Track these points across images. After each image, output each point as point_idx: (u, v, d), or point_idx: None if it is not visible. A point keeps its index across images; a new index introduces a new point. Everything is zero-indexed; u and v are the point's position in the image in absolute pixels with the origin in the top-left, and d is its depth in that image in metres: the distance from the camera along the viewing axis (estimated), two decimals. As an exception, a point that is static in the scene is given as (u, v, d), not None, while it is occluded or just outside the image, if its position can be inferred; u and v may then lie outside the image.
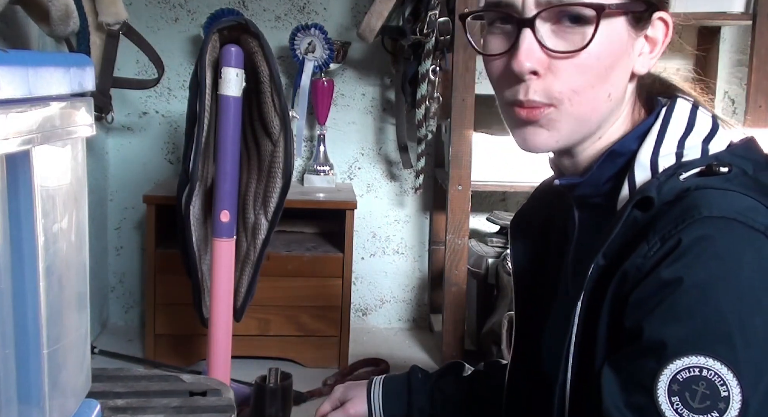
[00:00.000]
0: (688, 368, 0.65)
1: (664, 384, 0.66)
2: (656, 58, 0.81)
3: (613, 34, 0.77)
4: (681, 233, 0.69)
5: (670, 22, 0.80)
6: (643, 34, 0.80)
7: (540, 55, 0.76)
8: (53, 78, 0.64)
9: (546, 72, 0.77)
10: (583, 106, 0.78)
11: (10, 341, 0.61)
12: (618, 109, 0.82)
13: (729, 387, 0.64)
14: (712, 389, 0.64)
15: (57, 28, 1.49)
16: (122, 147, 2.53)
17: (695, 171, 0.75)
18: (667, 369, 0.66)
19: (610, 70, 0.77)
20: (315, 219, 2.45)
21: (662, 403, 0.65)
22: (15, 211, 0.61)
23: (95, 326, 2.42)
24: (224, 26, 1.58)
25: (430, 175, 2.55)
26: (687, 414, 0.65)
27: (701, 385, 0.65)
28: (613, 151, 0.81)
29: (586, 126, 0.80)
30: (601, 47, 0.76)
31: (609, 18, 0.76)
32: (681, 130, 0.80)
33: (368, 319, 2.66)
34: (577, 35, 0.76)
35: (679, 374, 0.65)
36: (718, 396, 0.64)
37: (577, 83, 0.77)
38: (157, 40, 2.27)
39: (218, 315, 1.67)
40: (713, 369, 0.65)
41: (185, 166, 1.62)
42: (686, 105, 0.82)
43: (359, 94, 2.56)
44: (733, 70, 2.56)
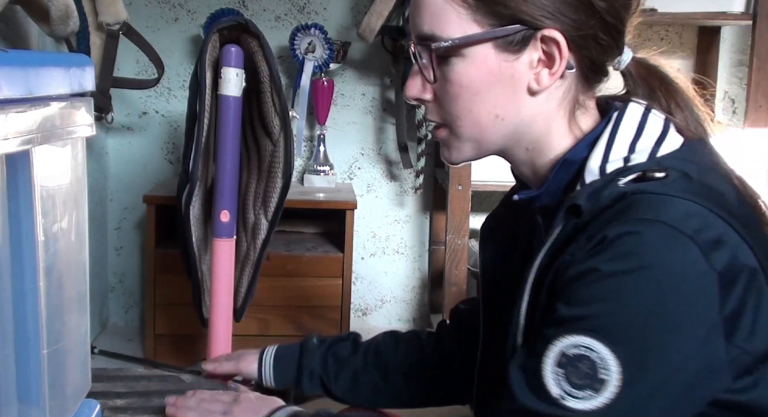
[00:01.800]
0: (578, 346, 0.69)
1: (553, 354, 0.70)
2: (558, 72, 0.80)
3: (474, 62, 0.80)
4: (607, 230, 0.72)
5: (559, 39, 0.79)
6: (528, 54, 0.80)
7: (419, 85, 0.85)
8: (53, 78, 0.64)
9: (434, 98, 0.85)
10: (468, 129, 0.84)
11: (10, 341, 0.61)
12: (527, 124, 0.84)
13: (610, 373, 0.68)
14: (593, 370, 0.68)
15: (57, 28, 1.49)
16: (122, 147, 2.53)
17: (633, 176, 0.77)
18: (558, 342, 0.70)
19: (480, 95, 0.81)
20: (315, 219, 2.45)
21: (547, 370, 0.70)
22: (15, 211, 0.61)
23: (95, 326, 2.42)
24: (224, 26, 1.58)
25: (430, 175, 2.55)
26: (564, 385, 0.69)
27: (585, 364, 0.69)
28: (566, 160, 0.83)
29: (484, 145, 0.85)
30: (463, 76, 0.81)
31: (466, 48, 0.80)
32: (630, 135, 0.81)
33: (368, 319, 2.66)
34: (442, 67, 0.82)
35: (569, 350, 0.70)
36: (596, 377, 0.68)
37: (454, 109, 0.83)
38: (157, 40, 2.27)
39: (218, 315, 1.67)
40: (600, 353, 0.68)
41: (185, 166, 1.62)
42: (638, 109, 0.83)
43: (359, 94, 2.56)
44: (733, 70, 2.56)
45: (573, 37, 0.79)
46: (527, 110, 0.83)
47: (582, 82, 0.84)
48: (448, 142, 0.87)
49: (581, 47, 0.81)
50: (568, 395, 0.69)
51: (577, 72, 0.83)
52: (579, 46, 0.81)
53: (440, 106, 0.85)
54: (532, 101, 0.83)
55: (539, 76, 0.81)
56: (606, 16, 0.81)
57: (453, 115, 0.84)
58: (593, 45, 0.82)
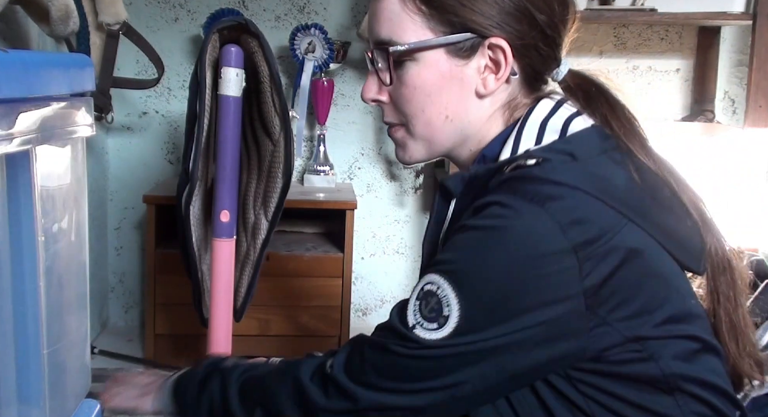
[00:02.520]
0: (430, 283, 0.80)
1: (418, 289, 0.82)
2: (503, 77, 0.88)
3: (426, 66, 0.88)
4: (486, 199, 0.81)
5: (504, 46, 0.87)
6: (476, 60, 0.88)
7: (375, 87, 0.93)
8: (53, 78, 0.64)
9: (390, 100, 0.93)
10: (421, 129, 0.92)
11: (10, 341, 0.61)
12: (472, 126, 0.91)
13: (451, 310, 0.78)
14: (438, 306, 0.79)
15: (57, 28, 1.49)
16: (122, 147, 2.53)
17: (513, 165, 0.85)
18: (422, 280, 0.82)
19: (432, 97, 0.89)
20: (315, 219, 2.45)
21: (411, 300, 0.82)
22: (15, 211, 0.61)
23: (95, 326, 2.42)
24: (224, 26, 1.58)
25: (430, 175, 2.55)
26: (419, 317, 0.81)
27: (433, 300, 0.80)
28: (484, 155, 0.92)
29: (435, 144, 0.93)
30: (415, 78, 0.89)
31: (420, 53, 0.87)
32: (535, 130, 0.88)
33: (368, 319, 2.66)
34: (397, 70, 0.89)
35: (426, 286, 0.81)
36: (441, 313, 0.79)
37: (408, 109, 0.91)
38: (157, 40, 2.27)
39: (218, 315, 1.67)
40: (445, 292, 0.79)
41: (185, 166, 1.62)
42: (547, 104, 0.90)
43: (359, 94, 2.56)
44: (733, 70, 2.56)
45: (517, 45, 0.88)
46: (474, 112, 0.91)
47: (525, 88, 0.92)
48: (402, 142, 0.95)
49: (524, 56, 0.89)
50: (419, 325, 0.80)
51: (520, 78, 0.91)
52: (522, 55, 0.89)
53: (395, 108, 0.93)
54: (479, 104, 0.91)
55: (486, 80, 0.89)
56: (546, 29, 0.89)
57: (407, 115, 0.91)
58: (534, 54, 0.90)
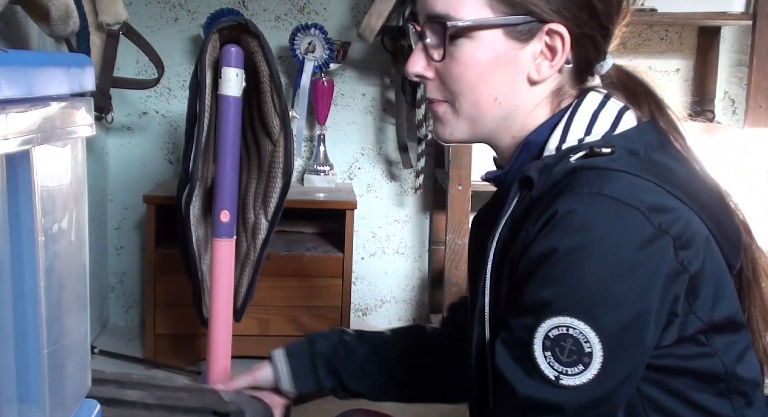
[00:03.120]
0: (557, 327, 0.74)
1: (539, 340, 0.75)
2: (558, 65, 0.86)
3: (483, 45, 0.85)
4: (556, 205, 0.77)
5: (564, 33, 0.84)
6: (533, 45, 0.85)
7: (422, 62, 0.89)
8: (53, 78, 0.64)
9: (436, 75, 0.89)
10: (468, 107, 0.88)
11: (10, 341, 0.61)
12: (519, 112, 0.89)
13: (592, 344, 0.73)
14: (578, 346, 0.73)
15: (57, 28, 1.49)
16: (122, 147, 2.53)
17: (582, 153, 0.82)
18: (540, 327, 0.75)
19: (484, 77, 0.86)
20: (315, 219, 2.45)
21: (538, 356, 0.75)
22: (15, 211, 0.61)
23: (95, 326, 2.42)
24: (224, 26, 1.58)
25: (430, 175, 2.55)
26: (557, 366, 0.74)
27: (569, 341, 0.74)
28: (529, 141, 0.89)
29: (478, 125, 0.89)
30: (469, 57, 0.85)
31: (476, 31, 0.84)
32: (587, 119, 0.86)
33: (368, 319, 2.66)
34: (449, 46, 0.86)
35: (550, 332, 0.74)
36: (582, 351, 0.73)
37: (457, 86, 0.87)
38: (157, 40, 2.27)
39: (218, 315, 1.67)
40: (578, 328, 0.73)
41: (185, 166, 1.62)
42: (596, 97, 0.88)
43: (359, 94, 2.56)
44: (733, 70, 2.56)
45: (575, 34, 0.85)
46: (523, 98, 0.88)
47: (573, 79, 0.90)
48: (445, 118, 0.91)
49: (580, 45, 0.86)
50: (562, 374, 0.74)
51: (572, 68, 0.88)
52: (578, 44, 0.86)
53: (442, 84, 0.89)
54: (529, 90, 0.88)
55: (540, 67, 0.86)
56: (603, 20, 0.87)
57: (455, 92, 0.88)
58: (590, 45, 0.87)
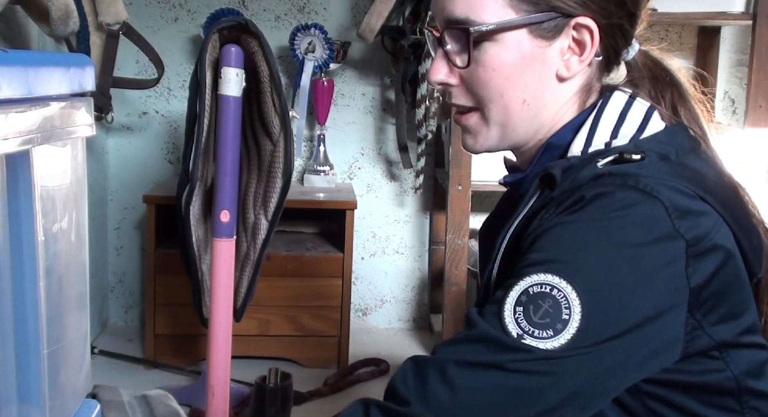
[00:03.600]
0: (540, 284, 0.69)
1: (515, 294, 0.70)
2: (587, 60, 0.83)
3: (508, 46, 0.81)
4: (582, 191, 0.74)
5: (592, 26, 0.81)
6: (560, 41, 0.82)
7: (445, 69, 0.85)
8: (53, 78, 0.64)
9: (460, 82, 0.85)
10: (498, 113, 0.84)
11: (10, 341, 0.61)
12: (548, 111, 0.85)
13: (572, 312, 0.68)
14: (556, 309, 0.68)
15: (57, 28, 1.49)
16: (122, 147, 2.53)
17: (610, 158, 0.79)
18: (522, 282, 0.70)
19: (512, 80, 0.82)
20: (315, 219, 2.45)
21: (506, 309, 0.70)
22: (15, 211, 0.61)
23: (95, 326, 2.42)
24: (224, 26, 1.58)
25: (430, 175, 2.55)
26: (524, 324, 0.69)
27: (547, 302, 0.68)
28: (550, 144, 0.85)
29: (509, 130, 0.85)
30: (495, 60, 0.81)
31: (499, 34, 0.80)
32: (613, 121, 0.83)
33: (368, 319, 2.66)
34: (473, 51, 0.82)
35: (531, 288, 0.69)
36: (559, 317, 0.68)
37: (484, 92, 0.83)
38: (157, 40, 2.27)
39: (218, 315, 1.67)
40: (564, 292, 0.68)
41: (185, 166, 1.62)
42: (622, 97, 0.85)
43: (359, 94, 2.56)
44: (733, 70, 2.56)
45: (603, 25, 0.82)
46: (551, 96, 0.85)
47: (601, 70, 0.87)
48: (475, 129, 0.87)
49: (609, 36, 0.83)
50: (527, 334, 0.68)
51: (601, 60, 0.85)
52: (607, 35, 0.83)
53: (468, 91, 0.85)
54: (557, 88, 0.84)
55: (569, 63, 0.83)
56: (631, 6, 0.83)
57: (483, 99, 0.84)
58: (618, 34, 0.84)
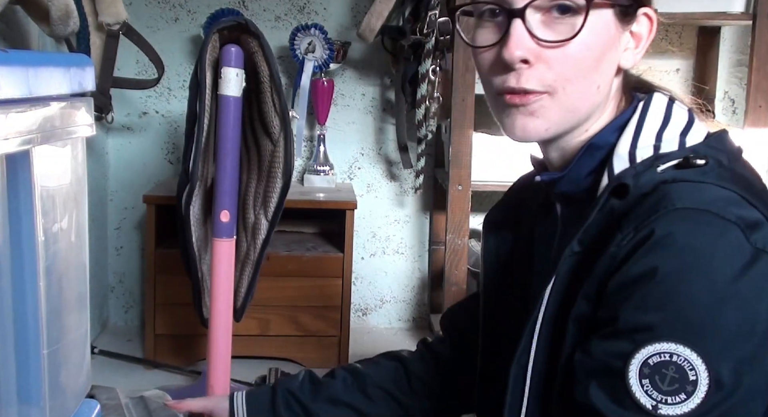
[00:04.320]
0: (659, 353, 0.69)
1: (635, 367, 0.69)
2: (641, 53, 0.82)
3: (601, 25, 0.78)
4: (654, 223, 0.71)
5: (654, 19, 0.81)
6: (629, 29, 0.81)
7: (530, 45, 0.78)
8: (53, 78, 0.64)
9: (537, 61, 0.78)
10: (574, 96, 0.80)
11: (10, 341, 0.61)
12: (605, 103, 0.84)
13: (698, 372, 0.67)
14: (681, 373, 0.68)
15: (57, 28, 1.49)
16: (122, 147, 2.53)
17: (672, 163, 0.77)
18: (639, 353, 0.69)
19: (599, 62, 0.79)
20: (315, 219, 2.45)
21: (633, 384, 0.69)
22: (15, 211, 0.61)
23: (95, 326, 2.42)
24: (224, 26, 1.58)
25: (430, 175, 2.55)
26: (656, 395, 0.68)
27: (670, 369, 0.68)
28: (592, 144, 0.83)
29: (575, 116, 0.82)
30: (591, 37, 0.78)
31: (597, 9, 0.77)
32: (658, 123, 0.82)
33: (368, 319, 2.66)
34: (566, 25, 0.77)
35: (650, 359, 0.69)
36: (686, 379, 0.68)
37: (570, 73, 0.78)
38: (157, 40, 2.27)
39: (218, 315, 1.67)
40: (683, 355, 0.68)
41: (185, 166, 1.62)
42: (663, 99, 0.84)
43: (359, 94, 2.56)
44: (733, 70, 2.55)
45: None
46: (611, 88, 0.83)
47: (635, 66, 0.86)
48: (541, 110, 0.80)
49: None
50: (661, 403, 0.68)
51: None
52: None
53: (547, 70, 0.78)
54: (615, 80, 0.83)
55: (628, 53, 0.82)
56: None
57: (565, 78, 0.79)
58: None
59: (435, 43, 2.17)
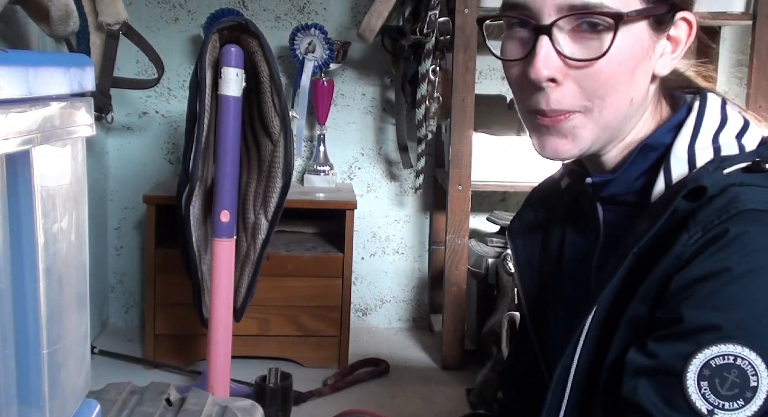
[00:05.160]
0: (722, 356, 0.66)
1: (695, 367, 0.66)
2: (678, 57, 0.79)
3: (633, 38, 0.75)
4: (726, 223, 0.69)
5: (693, 22, 0.78)
6: (665, 35, 0.78)
7: (557, 63, 0.75)
8: (53, 78, 0.64)
9: (565, 79, 0.76)
10: (607, 113, 0.77)
11: (10, 341, 0.61)
12: (639, 112, 0.81)
13: (760, 378, 0.65)
14: (742, 378, 0.65)
15: (57, 28, 1.49)
16: (122, 147, 2.53)
17: (740, 166, 0.74)
18: (701, 353, 0.66)
19: (631, 75, 0.76)
20: (315, 219, 2.45)
21: (690, 386, 0.66)
22: (15, 211, 0.61)
23: (95, 326, 2.42)
24: (224, 26, 1.58)
25: (430, 175, 2.55)
26: (713, 399, 0.66)
27: (732, 373, 0.65)
28: (646, 145, 0.80)
29: (608, 132, 0.79)
30: (622, 53, 0.74)
31: (630, 23, 0.74)
32: (715, 124, 0.79)
33: (368, 319, 2.66)
34: (594, 41, 0.74)
35: (712, 360, 0.66)
36: (747, 385, 0.65)
37: (601, 90, 0.76)
38: (157, 40, 2.27)
39: (218, 315, 1.67)
40: (748, 359, 0.65)
41: (185, 166, 1.62)
42: (717, 100, 0.82)
43: (359, 94, 2.56)
44: (733, 70, 2.55)
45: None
46: (647, 96, 0.80)
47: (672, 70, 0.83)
48: (573, 131, 0.78)
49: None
50: (717, 408, 0.65)
51: None
52: None
53: (578, 88, 0.76)
54: (649, 88, 0.80)
55: (665, 60, 0.79)
56: None
57: (597, 96, 0.76)
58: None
59: (435, 43, 2.17)
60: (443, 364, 2.28)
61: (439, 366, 2.29)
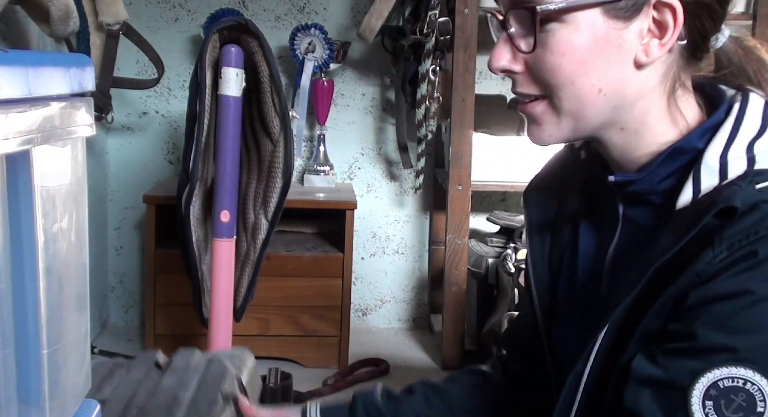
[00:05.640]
0: (732, 378, 0.65)
1: (702, 386, 0.66)
2: (669, 43, 0.74)
3: (582, 28, 0.74)
4: (755, 245, 0.67)
5: (676, 5, 0.73)
6: (638, 22, 0.74)
7: (508, 55, 0.78)
8: (53, 78, 0.64)
9: (526, 67, 0.78)
10: (569, 102, 0.77)
11: (10, 341, 0.61)
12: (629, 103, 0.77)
13: (767, 405, 0.64)
14: (749, 402, 0.64)
15: (57, 28, 1.49)
16: (122, 147, 2.53)
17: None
18: (710, 373, 0.65)
19: (587, 66, 0.75)
20: (315, 219, 2.45)
21: (694, 403, 0.66)
22: (15, 211, 0.61)
23: (95, 326, 2.42)
24: (224, 26, 1.58)
25: (430, 175, 2.55)
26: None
27: (740, 396, 0.65)
28: (677, 148, 0.77)
29: (584, 121, 0.78)
30: (564, 44, 0.74)
31: (572, 13, 0.73)
32: (753, 130, 0.75)
33: (368, 319, 2.66)
34: (542, 34, 0.75)
35: (721, 381, 0.65)
36: (753, 410, 0.64)
37: (552, 80, 0.76)
38: (157, 40, 2.27)
39: (218, 315, 1.67)
40: (759, 385, 0.64)
41: (185, 166, 1.62)
42: (759, 102, 0.77)
43: (359, 94, 2.56)
44: (733, 70, 2.55)
45: (688, 4, 0.73)
46: (631, 86, 0.76)
47: (686, 58, 0.78)
48: (542, 118, 0.79)
49: (694, 17, 0.75)
50: None
51: (686, 46, 0.77)
52: (693, 15, 0.75)
53: (534, 78, 0.77)
54: (637, 76, 0.76)
55: (648, 47, 0.75)
56: None
57: (552, 86, 0.76)
58: (706, 15, 0.76)
59: (435, 43, 2.17)
60: (443, 364, 2.28)
61: (439, 366, 2.30)
